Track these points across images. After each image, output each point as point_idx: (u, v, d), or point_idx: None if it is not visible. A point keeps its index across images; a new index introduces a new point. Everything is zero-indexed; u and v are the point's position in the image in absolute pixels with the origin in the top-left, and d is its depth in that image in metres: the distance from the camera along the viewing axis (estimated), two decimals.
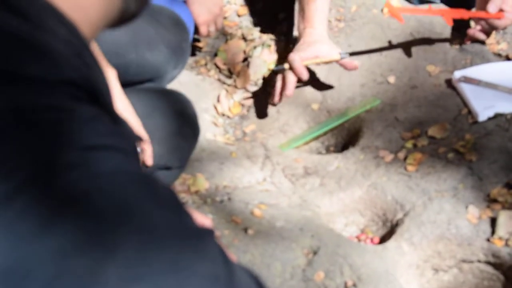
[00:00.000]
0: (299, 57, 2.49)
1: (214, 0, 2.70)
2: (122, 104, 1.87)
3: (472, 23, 2.72)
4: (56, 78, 0.83)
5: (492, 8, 2.55)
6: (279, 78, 2.55)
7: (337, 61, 2.56)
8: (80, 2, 0.92)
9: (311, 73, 2.62)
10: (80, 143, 0.80)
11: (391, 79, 2.62)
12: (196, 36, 2.72)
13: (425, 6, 2.74)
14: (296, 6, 2.82)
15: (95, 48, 1.89)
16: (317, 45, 2.55)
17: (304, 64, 2.50)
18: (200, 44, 2.85)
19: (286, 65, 2.52)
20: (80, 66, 0.88)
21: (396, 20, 2.67)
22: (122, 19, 1.00)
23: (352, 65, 2.60)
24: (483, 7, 2.59)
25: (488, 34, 2.66)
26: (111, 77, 1.89)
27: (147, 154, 1.83)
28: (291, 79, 2.50)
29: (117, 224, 0.77)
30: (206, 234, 0.85)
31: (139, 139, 0.95)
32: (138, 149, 0.97)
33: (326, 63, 2.58)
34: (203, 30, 2.65)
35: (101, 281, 0.75)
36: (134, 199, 0.80)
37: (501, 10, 2.58)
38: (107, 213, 0.78)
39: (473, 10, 2.73)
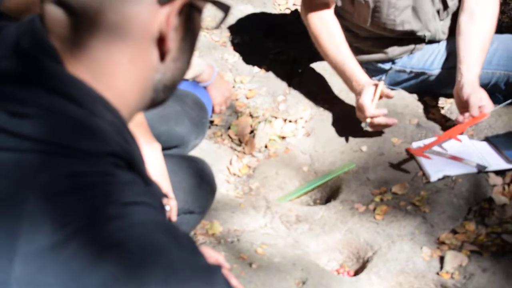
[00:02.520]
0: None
1: (226, 86, 2.74)
2: (160, 171, 1.88)
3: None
4: (103, 151, 0.85)
5: (475, 112, 2.49)
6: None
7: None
8: (122, 93, 0.93)
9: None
10: (120, 200, 0.82)
11: (364, 148, 2.62)
12: (213, 114, 2.75)
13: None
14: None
15: (145, 127, 1.92)
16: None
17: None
18: (216, 120, 2.87)
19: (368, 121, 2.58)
20: (121, 142, 0.89)
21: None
22: (153, 105, 1.02)
23: (388, 94, 2.64)
24: (460, 103, 2.58)
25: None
26: (157, 149, 1.89)
27: (173, 212, 1.84)
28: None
29: (147, 263, 0.79)
30: (215, 269, 0.87)
31: (165, 196, 0.96)
32: (167, 207, 0.98)
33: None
34: (217, 109, 2.69)
35: None
36: (161, 243, 0.82)
37: (480, 106, 2.51)
38: (140, 254, 0.79)
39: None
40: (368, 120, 2.57)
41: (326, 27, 2.68)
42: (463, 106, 2.57)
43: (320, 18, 2.68)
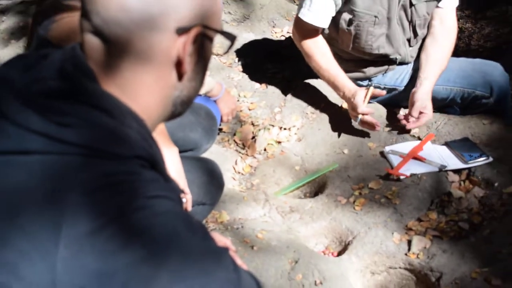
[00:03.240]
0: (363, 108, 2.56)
1: (232, 100, 2.72)
2: (178, 170, 1.88)
3: (401, 112, 2.71)
4: (131, 154, 0.86)
5: (414, 112, 2.55)
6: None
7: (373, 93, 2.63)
8: (146, 107, 0.94)
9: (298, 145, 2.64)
10: (145, 194, 0.83)
11: (345, 151, 2.62)
12: (221, 123, 2.75)
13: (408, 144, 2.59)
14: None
15: (165, 134, 1.91)
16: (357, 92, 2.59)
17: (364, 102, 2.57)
18: (224, 128, 2.87)
19: (359, 117, 2.57)
20: (146, 146, 0.90)
21: (348, 115, 2.69)
22: (172, 117, 1.02)
23: (380, 93, 2.67)
24: (411, 104, 2.58)
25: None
26: (175, 152, 1.89)
27: (188, 204, 1.84)
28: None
29: (167, 245, 0.79)
30: (223, 251, 0.87)
31: (182, 191, 0.97)
32: (183, 200, 0.99)
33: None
34: (224, 119, 2.68)
35: (156, 281, 0.78)
36: (178, 229, 0.83)
37: (421, 112, 2.55)
38: (161, 238, 0.80)
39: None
40: (360, 116, 2.58)
41: (318, 48, 2.69)
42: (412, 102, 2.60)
43: (312, 41, 2.69)
